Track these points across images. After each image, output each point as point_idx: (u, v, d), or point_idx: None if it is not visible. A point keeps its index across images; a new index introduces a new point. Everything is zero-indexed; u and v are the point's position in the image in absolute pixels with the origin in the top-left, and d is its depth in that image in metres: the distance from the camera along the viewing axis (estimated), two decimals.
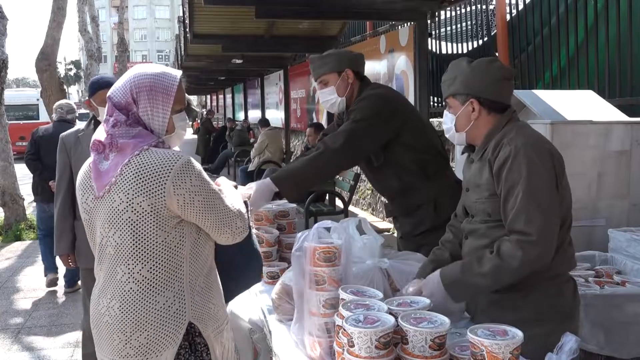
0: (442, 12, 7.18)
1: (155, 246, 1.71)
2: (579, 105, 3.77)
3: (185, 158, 1.72)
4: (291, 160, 2.76)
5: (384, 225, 7.41)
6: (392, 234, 6.73)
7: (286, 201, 2.85)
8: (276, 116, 13.78)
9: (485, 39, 6.63)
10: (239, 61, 11.18)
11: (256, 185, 2.46)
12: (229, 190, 1.97)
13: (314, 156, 2.56)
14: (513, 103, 2.23)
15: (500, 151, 1.86)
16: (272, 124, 12.43)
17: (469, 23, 6.96)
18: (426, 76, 6.30)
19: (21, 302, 5.56)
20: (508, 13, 6.13)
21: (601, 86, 4.70)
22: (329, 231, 1.97)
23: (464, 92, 1.95)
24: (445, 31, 7.43)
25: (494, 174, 1.86)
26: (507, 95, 2.00)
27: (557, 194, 1.81)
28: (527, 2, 5.90)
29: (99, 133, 1.79)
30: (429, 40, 6.70)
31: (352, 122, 2.59)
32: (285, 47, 9.86)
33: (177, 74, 1.80)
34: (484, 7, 6.79)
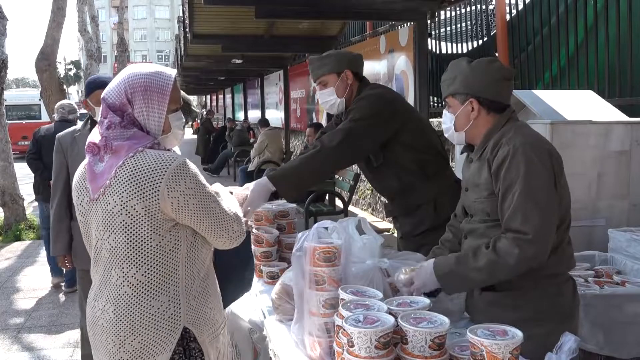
0: (442, 12, 7.18)
1: (150, 250, 1.69)
2: (578, 105, 3.77)
3: (180, 160, 1.69)
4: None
5: (384, 225, 7.41)
6: (392, 234, 6.73)
7: (285, 201, 2.84)
8: (276, 116, 13.78)
9: (485, 39, 6.63)
10: (238, 61, 11.19)
11: (253, 185, 2.44)
12: (226, 194, 1.94)
13: (311, 154, 2.55)
14: (513, 103, 2.23)
15: (499, 150, 1.86)
16: (272, 124, 12.44)
17: (468, 23, 6.96)
18: (426, 76, 6.31)
19: (21, 302, 5.55)
20: (508, 13, 6.13)
21: (601, 86, 4.70)
22: (328, 231, 1.97)
23: (463, 92, 1.96)
24: (445, 31, 7.43)
25: (493, 173, 1.86)
26: (507, 95, 2.00)
27: (555, 193, 1.81)
28: (527, 2, 5.90)
29: (94, 135, 1.76)
30: (428, 40, 6.70)
31: (350, 121, 2.58)
32: (285, 47, 9.87)
33: (171, 73, 1.78)
34: (483, 7, 6.79)
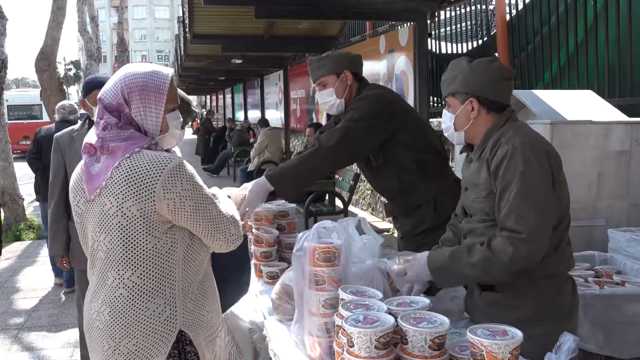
0: (442, 12, 7.18)
1: (145, 252, 1.67)
2: (578, 105, 3.77)
3: (176, 161, 1.67)
4: None
5: (384, 225, 7.41)
6: (392, 234, 6.73)
7: (285, 201, 2.84)
8: (276, 116, 13.78)
9: (485, 39, 6.63)
10: (238, 61, 11.20)
11: (251, 185, 2.43)
12: (223, 196, 1.92)
13: (310, 153, 2.55)
14: (513, 103, 2.24)
15: (497, 150, 1.86)
16: (271, 124, 12.44)
17: (468, 23, 6.96)
18: (426, 76, 6.31)
19: (21, 302, 5.55)
20: (508, 13, 6.13)
21: (601, 86, 4.70)
22: (328, 231, 1.97)
23: (463, 91, 1.96)
24: (445, 31, 7.42)
25: (492, 172, 1.86)
26: (506, 95, 2.00)
27: (552, 193, 1.81)
28: (527, 2, 5.90)
29: (90, 136, 1.75)
30: (428, 40, 6.70)
31: (348, 120, 2.58)
32: (285, 47, 9.87)
33: (168, 72, 1.77)
34: (483, 7, 6.79)
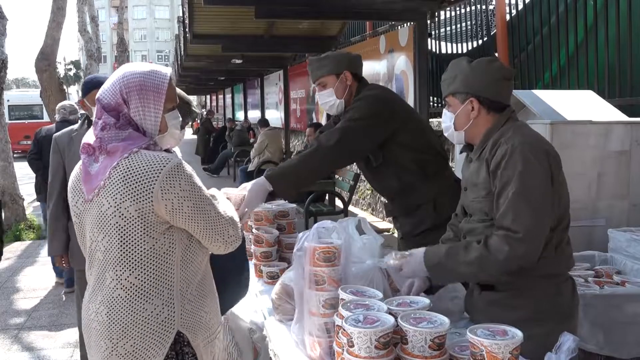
0: (442, 12, 7.18)
1: (143, 253, 1.66)
2: (578, 105, 3.77)
3: (175, 161, 1.66)
4: None
5: (384, 225, 7.41)
6: (392, 234, 6.73)
7: (285, 201, 2.84)
8: (276, 116, 13.78)
9: (485, 39, 6.63)
10: (238, 61, 11.20)
11: (250, 185, 2.43)
12: (222, 198, 1.91)
13: (309, 153, 2.55)
14: (513, 103, 2.24)
15: (497, 150, 1.86)
16: (271, 124, 12.44)
17: (468, 23, 6.96)
18: (426, 76, 6.31)
19: (21, 302, 5.55)
20: (508, 13, 6.13)
21: (601, 86, 4.70)
22: (328, 231, 1.97)
23: (463, 91, 1.96)
24: (445, 31, 7.43)
25: (491, 172, 1.86)
26: (506, 94, 2.00)
27: (550, 194, 1.81)
28: (527, 2, 5.90)
29: (89, 136, 1.74)
30: (428, 40, 6.70)
31: (347, 120, 2.58)
32: (285, 47, 9.87)
33: (166, 71, 1.76)
34: (483, 7, 6.79)
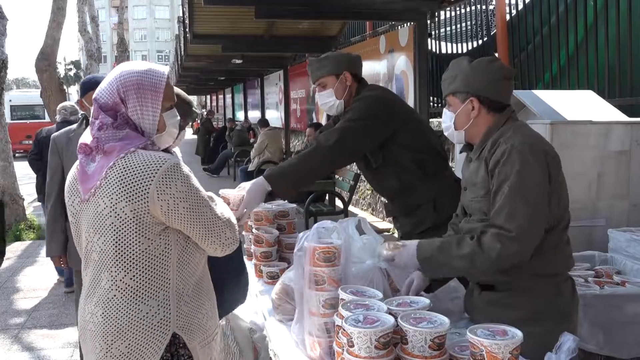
0: (442, 12, 7.18)
1: (138, 254, 1.65)
2: (578, 106, 3.77)
3: (171, 161, 1.64)
4: None
5: (384, 225, 7.41)
6: (392, 234, 6.73)
7: (285, 201, 2.84)
8: (276, 116, 13.78)
9: (485, 39, 6.63)
10: (238, 61, 11.20)
11: (249, 186, 2.42)
12: (220, 200, 1.89)
13: (308, 152, 2.55)
14: (513, 103, 2.24)
15: (496, 149, 1.86)
16: (271, 124, 12.45)
17: (468, 23, 6.96)
18: (426, 76, 6.31)
19: (21, 302, 5.55)
20: (508, 13, 6.13)
21: (601, 86, 4.70)
22: (328, 231, 1.97)
23: (464, 90, 1.96)
24: (445, 31, 7.43)
25: (489, 171, 1.87)
26: (507, 94, 2.01)
27: (547, 194, 1.81)
28: (527, 2, 5.90)
29: (86, 136, 1.73)
30: (428, 40, 6.70)
31: (347, 121, 2.59)
32: (285, 47, 9.88)
33: (164, 70, 1.75)
34: (483, 7, 6.79)
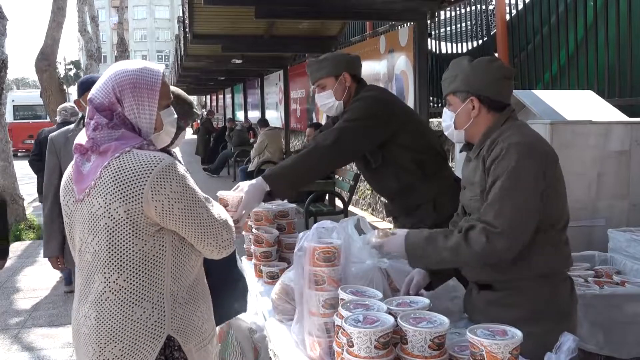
0: (442, 12, 7.18)
1: (132, 255, 1.63)
2: (578, 106, 3.77)
3: (167, 161, 1.62)
4: None
5: (384, 226, 7.40)
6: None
7: (285, 201, 2.84)
8: (276, 116, 13.78)
9: (485, 39, 6.63)
10: (238, 61, 11.20)
11: (247, 186, 2.40)
12: (217, 203, 1.87)
13: (306, 152, 2.55)
14: (513, 103, 2.24)
15: (494, 148, 1.87)
16: (271, 124, 12.45)
17: (468, 23, 6.96)
18: (426, 76, 6.31)
19: (21, 302, 5.55)
20: (508, 13, 6.13)
21: (601, 86, 4.70)
22: (328, 231, 1.97)
23: (464, 90, 1.96)
24: (445, 31, 7.43)
25: (486, 170, 1.87)
26: (507, 94, 2.01)
27: (540, 194, 1.80)
28: (527, 1, 5.90)
29: (81, 137, 1.71)
30: (428, 40, 6.71)
31: (345, 121, 2.58)
32: (285, 47, 9.88)
33: (159, 68, 1.74)
34: (483, 7, 6.80)
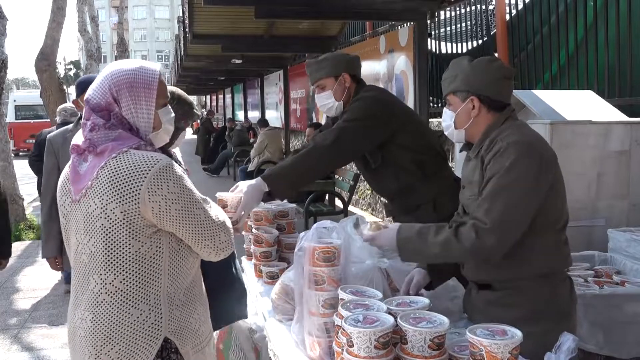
0: (442, 12, 7.18)
1: (128, 256, 1.61)
2: (578, 105, 3.78)
3: (164, 162, 1.61)
4: None
5: None
6: None
7: (285, 201, 2.84)
8: (276, 116, 13.78)
9: (485, 39, 6.63)
10: (238, 61, 11.20)
11: (246, 187, 2.39)
12: (215, 203, 1.85)
13: (306, 152, 2.54)
14: (513, 103, 2.24)
15: (493, 147, 1.87)
16: (271, 124, 12.44)
17: (468, 23, 6.96)
18: (426, 76, 6.31)
19: (21, 302, 5.55)
20: (508, 13, 6.14)
21: (601, 86, 4.71)
22: (328, 231, 1.97)
23: (464, 89, 1.96)
24: (445, 31, 7.43)
25: (484, 168, 1.87)
26: (507, 94, 2.01)
27: (537, 193, 1.81)
28: (527, 1, 5.90)
29: (77, 138, 1.71)
30: (428, 40, 6.71)
31: (344, 121, 2.58)
32: (285, 47, 9.88)
33: (156, 67, 1.72)
34: (483, 7, 6.80)
